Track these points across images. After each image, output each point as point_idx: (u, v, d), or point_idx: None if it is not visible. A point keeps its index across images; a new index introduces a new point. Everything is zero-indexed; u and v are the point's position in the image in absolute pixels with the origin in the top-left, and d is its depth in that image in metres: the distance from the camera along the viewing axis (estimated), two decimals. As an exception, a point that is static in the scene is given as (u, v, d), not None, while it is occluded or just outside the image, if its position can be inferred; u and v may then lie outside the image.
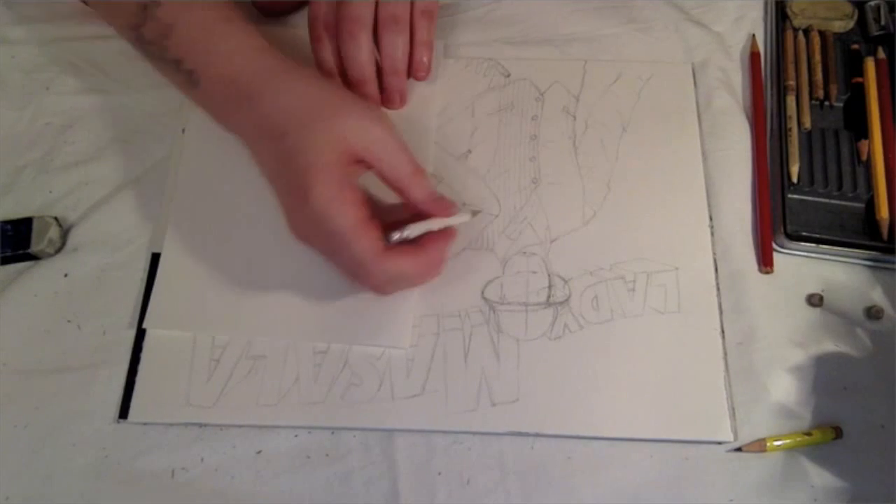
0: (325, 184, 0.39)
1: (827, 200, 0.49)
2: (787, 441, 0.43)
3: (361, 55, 0.47)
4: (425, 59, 0.49)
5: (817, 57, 0.54)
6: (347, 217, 0.39)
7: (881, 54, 0.54)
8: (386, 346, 0.44)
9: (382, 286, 0.43)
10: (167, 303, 0.45)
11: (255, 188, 0.48)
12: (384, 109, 0.51)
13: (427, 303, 0.46)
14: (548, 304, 0.46)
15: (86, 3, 0.50)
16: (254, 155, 0.44)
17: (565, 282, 0.47)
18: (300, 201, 0.39)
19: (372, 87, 0.48)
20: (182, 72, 0.44)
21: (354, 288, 0.44)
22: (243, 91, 0.43)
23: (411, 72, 0.49)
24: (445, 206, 0.43)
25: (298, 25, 0.54)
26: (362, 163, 0.41)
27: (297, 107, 0.41)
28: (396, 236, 0.41)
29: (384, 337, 0.44)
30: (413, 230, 0.42)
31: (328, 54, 0.48)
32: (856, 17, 0.56)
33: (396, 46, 0.47)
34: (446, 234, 0.43)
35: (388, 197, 0.44)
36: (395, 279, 0.42)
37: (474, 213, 0.46)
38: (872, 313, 0.46)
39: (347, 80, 0.48)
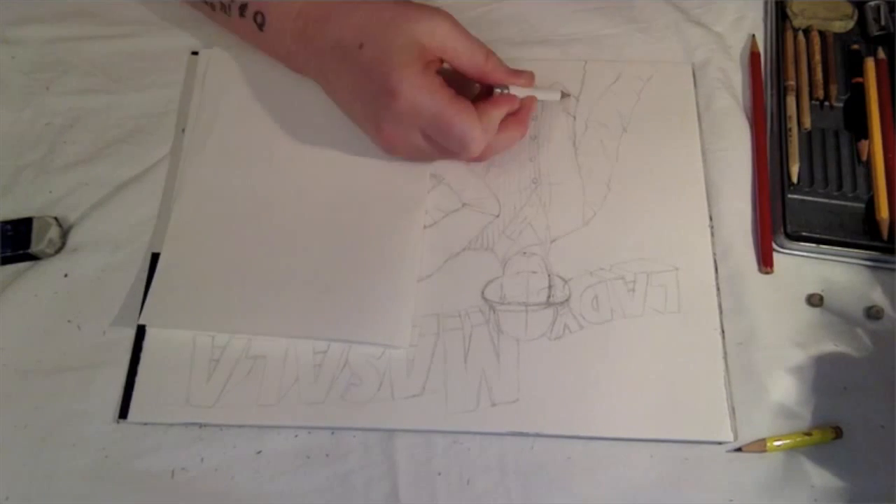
0: (410, 77, 0.42)
1: (827, 200, 0.49)
2: (787, 441, 0.43)
3: None
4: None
5: (817, 57, 0.54)
6: (442, 96, 0.43)
7: (881, 54, 0.54)
8: (383, 344, 0.44)
9: (488, 146, 0.46)
10: (164, 300, 0.45)
11: (255, 188, 0.49)
12: None
13: (427, 303, 0.46)
14: (548, 304, 0.46)
15: None
16: (327, 84, 0.48)
17: (565, 282, 0.47)
18: (388, 104, 0.43)
19: None
20: (249, 16, 0.47)
21: (354, 285, 0.45)
22: (312, 22, 0.45)
23: None
24: (527, 76, 0.48)
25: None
26: (438, 59, 0.45)
27: (367, 20, 0.44)
28: (501, 91, 0.46)
29: (382, 335, 0.44)
30: (513, 86, 0.47)
31: None
32: (856, 17, 0.56)
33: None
34: (529, 101, 0.48)
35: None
36: (495, 135, 0.45)
37: (564, 95, 0.51)
38: (872, 313, 0.46)
39: None
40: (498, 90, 0.47)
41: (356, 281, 0.45)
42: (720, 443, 0.43)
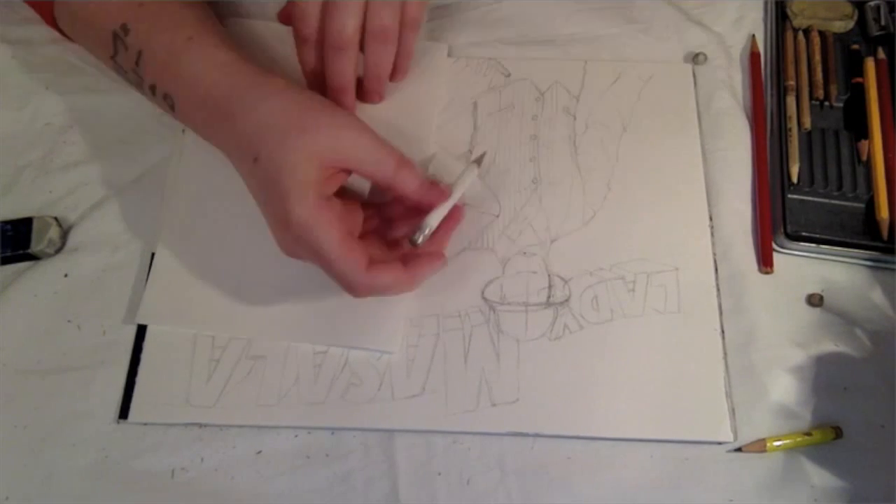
0: (303, 207, 0.39)
1: (827, 200, 0.49)
2: (787, 441, 0.43)
3: (346, 68, 0.45)
4: (405, 66, 0.50)
5: (817, 57, 0.54)
6: (329, 239, 0.39)
7: (881, 54, 0.54)
8: (374, 349, 0.44)
9: (370, 295, 0.42)
10: (160, 298, 0.45)
11: None
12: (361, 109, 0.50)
13: (427, 303, 0.46)
14: (548, 304, 0.46)
15: (68, 37, 0.51)
16: (238, 172, 0.44)
17: (565, 282, 0.47)
18: (283, 223, 0.40)
19: (350, 98, 0.47)
20: (159, 96, 0.45)
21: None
22: (218, 111, 0.43)
23: (391, 76, 0.49)
24: (439, 193, 0.44)
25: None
26: (343, 171, 0.41)
27: (267, 124, 0.41)
28: (420, 238, 0.42)
29: (374, 340, 0.44)
30: (432, 220, 0.43)
31: (311, 57, 0.46)
32: (856, 17, 0.56)
33: (383, 58, 0.47)
34: (453, 218, 0.45)
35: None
36: (381, 291, 0.42)
37: (478, 162, 0.47)
38: (814, 301, 0.47)
39: (326, 86, 0.47)
40: (419, 236, 0.42)
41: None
42: (720, 443, 0.43)
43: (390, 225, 0.46)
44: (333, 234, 0.39)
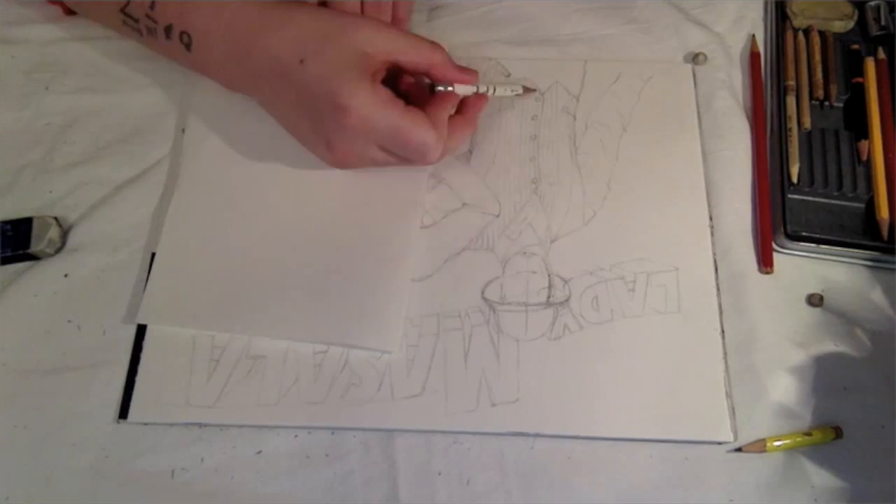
0: (360, 93, 0.41)
1: (827, 200, 0.49)
2: (787, 441, 0.43)
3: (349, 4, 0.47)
4: (405, 16, 0.51)
5: (817, 57, 0.54)
6: (395, 109, 0.42)
7: (881, 54, 0.54)
8: (373, 348, 0.44)
9: (443, 156, 0.45)
10: (160, 298, 0.45)
11: (252, 189, 0.49)
12: None
13: (427, 303, 0.46)
14: (548, 304, 0.46)
15: (68, 6, 0.50)
16: (267, 104, 0.46)
17: (565, 282, 0.47)
18: (340, 121, 0.41)
19: None
20: (174, 37, 0.45)
21: (347, 288, 0.45)
22: (243, 38, 0.43)
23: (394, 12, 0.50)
24: (473, 74, 0.47)
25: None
26: (383, 66, 0.43)
27: (305, 34, 0.42)
28: (441, 88, 0.46)
29: (373, 339, 0.44)
30: (458, 87, 0.47)
31: None
32: (856, 17, 0.56)
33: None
34: (477, 99, 0.48)
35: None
36: (453, 143, 0.45)
37: (527, 90, 0.50)
38: (814, 301, 0.46)
39: None
40: (440, 88, 0.46)
41: (349, 284, 0.45)
42: (720, 443, 0.43)
43: None
44: (399, 105, 0.42)
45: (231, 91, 0.48)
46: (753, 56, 0.55)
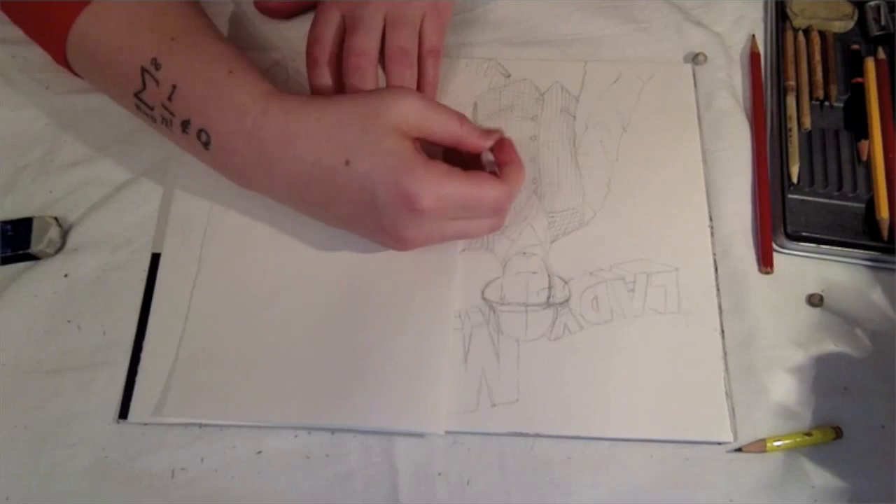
0: (424, 177, 0.39)
1: (827, 200, 0.49)
2: (788, 441, 0.43)
3: (367, 88, 0.44)
4: (432, 97, 0.48)
5: (817, 57, 0.54)
6: (460, 177, 0.40)
7: (881, 54, 0.54)
8: (418, 432, 0.42)
9: (511, 202, 0.44)
10: (188, 391, 0.43)
11: (275, 267, 0.47)
12: None
13: (427, 303, 0.46)
14: (548, 304, 0.46)
15: (78, 75, 0.47)
16: (303, 205, 0.43)
17: (565, 282, 0.47)
18: (409, 210, 0.39)
19: None
20: (192, 133, 0.42)
21: (384, 369, 0.43)
22: (271, 145, 0.41)
23: None
24: (498, 132, 0.45)
25: (277, 48, 0.55)
26: (418, 139, 0.42)
27: (341, 133, 0.40)
28: (485, 156, 0.45)
29: (418, 422, 0.42)
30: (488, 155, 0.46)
31: (327, 81, 0.46)
32: (856, 17, 0.56)
33: (405, 80, 0.45)
34: (509, 143, 0.46)
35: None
36: (514, 190, 0.44)
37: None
38: (814, 301, 0.46)
39: None
40: (486, 159, 0.45)
41: (386, 364, 0.43)
42: (720, 443, 0.43)
43: None
44: (459, 172, 0.41)
45: (250, 190, 0.44)
46: (753, 56, 0.55)
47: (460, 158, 0.45)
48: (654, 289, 0.46)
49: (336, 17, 0.45)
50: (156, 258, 0.47)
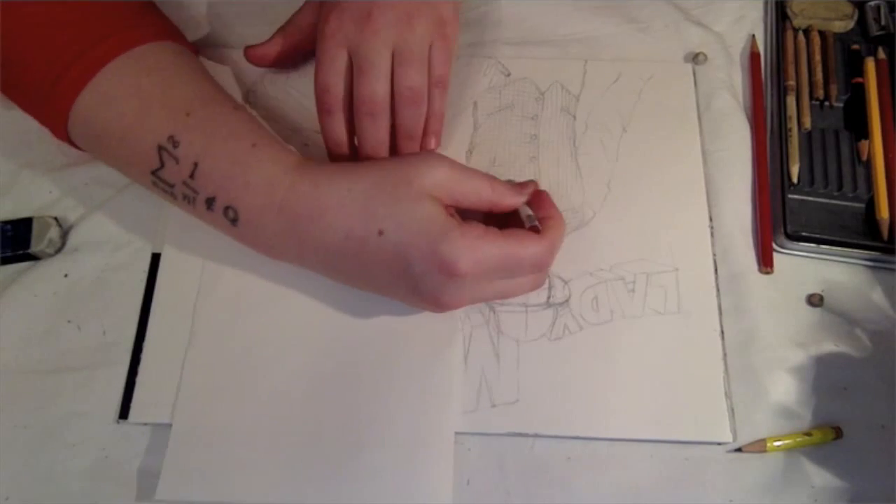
0: (460, 242, 0.38)
1: (827, 200, 0.49)
2: (787, 441, 0.43)
3: (380, 134, 0.44)
4: (438, 129, 0.47)
5: (817, 57, 0.54)
6: (497, 239, 0.39)
7: (881, 54, 0.54)
8: None
9: (554, 257, 0.43)
10: (182, 472, 0.41)
11: (273, 334, 0.45)
12: None
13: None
14: (548, 304, 0.46)
15: (80, 148, 0.45)
16: (336, 275, 0.42)
17: (565, 283, 0.47)
18: (447, 276, 0.38)
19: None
20: (217, 210, 0.41)
21: (387, 442, 0.41)
22: (302, 218, 0.40)
23: (424, 142, 0.46)
24: (531, 184, 0.45)
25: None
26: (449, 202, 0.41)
27: (372, 203, 0.39)
28: (525, 214, 0.43)
29: (423, 497, 0.40)
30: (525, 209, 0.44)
31: (340, 128, 0.44)
32: (856, 17, 0.56)
33: (416, 120, 0.44)
34: (541, 192, 0.45)
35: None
36: (557, 244, 0.42)
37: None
38: (814, 301, 0.46)
39: (359, 153, 0.45)
40: (524, 213, 0.43)
41: (387, 436, 0.42)
42: (720, 443, 0.43)
43: None
44: (496, 232, 0.39)
45: (281, 260, 0.43)
46: (753, 56, 0.55)
47: (498, 214, 0.44)
48: (654, 289, 0.46)
49: (342, 58, 0.43)
50: (156, 258, 0.47)
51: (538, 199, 0.44)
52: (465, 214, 0.42)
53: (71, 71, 0.41)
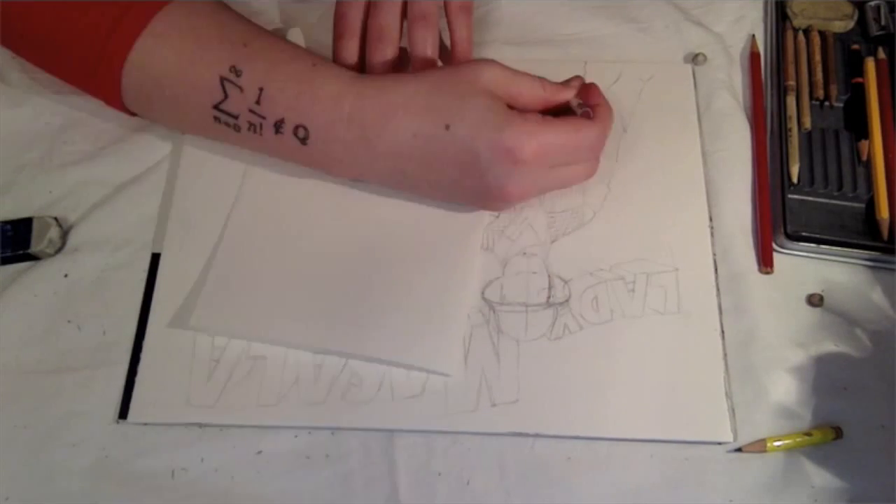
0: (522, 128, 0.41)
1: (827, 200, 0.49)
2: (788, 441, 0.43)
3: (388, 57, 0.47)
4: (467, 50, 0.49)
5: (817, 57, 0.54)
6: (554, 124, 0.42)
7: (881, 54, 0.54)
8: (431, 370, 0.43)
9: (605, 140, 0.46)
10: (215, 306, 0.44)
11: (307, 204, 0.48)
12: None
13: (427, 303, 0.46)
14: (548, 304, 0.46)
15: (132, 113, 0.48)
16: (404, 181, 0.45)
17: (565, 282, 0.47)
18: (512, 163, 0.41)
19: None
20: (287, 132, 0.43)
21: (406, 306, 0.44)
22: (371, 123, 0.42)
23: (455, 59, 0.49)
24: (576, 80, 0.48)
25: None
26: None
27: (437, 100, 0.42)
28: (575, 105, 0.46)
29: (430, 360, 0.43)
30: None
31: (351, 53, 0.47)
32: (856, 17, 0.56)
33: (426, 42, 0.47)
34: (590, 84, 0.48)
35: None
36: (607, 129, 0.46)
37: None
38: (814, 301, 0.47)
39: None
40: (575, 104, 0.46)
41: (406, 301, 0.45)
42: (720, 443, 0.43)
43: None
44: (552, 119, 0.43)
45: (345, 178, 0.47)
46: (753, 56, 0.55)
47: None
48: (654, 289, 0.46)
49: None
50: (156, 258, 0.47)
51: (586, 90, 0.47)
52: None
53: (124, 22, 0.43)
